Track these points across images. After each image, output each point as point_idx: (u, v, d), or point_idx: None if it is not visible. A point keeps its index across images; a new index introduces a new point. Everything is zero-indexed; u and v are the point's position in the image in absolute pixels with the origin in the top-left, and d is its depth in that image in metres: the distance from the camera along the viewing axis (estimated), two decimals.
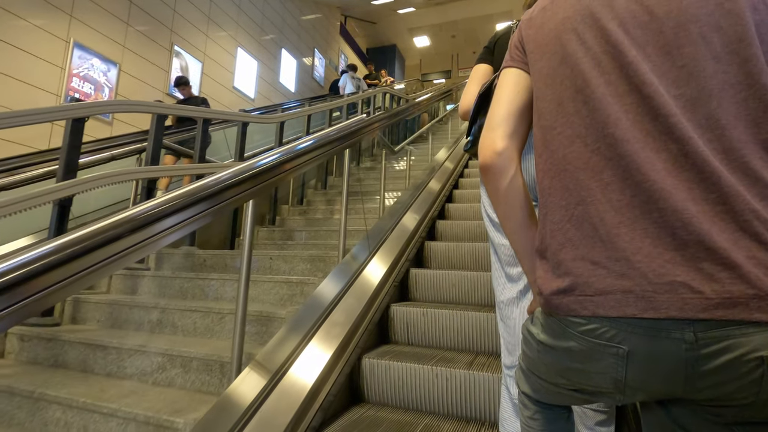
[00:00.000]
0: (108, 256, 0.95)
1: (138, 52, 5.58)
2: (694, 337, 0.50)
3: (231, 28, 7.45)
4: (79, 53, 4.86)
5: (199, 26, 6.70)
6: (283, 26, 9.08)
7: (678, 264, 0.51)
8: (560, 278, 0.59)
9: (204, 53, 6.80)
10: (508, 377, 1.21)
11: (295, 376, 1.46)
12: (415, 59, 17.09)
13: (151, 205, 1.09)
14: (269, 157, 1.69)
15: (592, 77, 0.60)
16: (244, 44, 7.74)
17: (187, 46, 6.42)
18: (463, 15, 13.52)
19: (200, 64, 6.68)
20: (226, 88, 7.29)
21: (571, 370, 0.60)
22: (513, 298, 1.23)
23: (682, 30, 0.56)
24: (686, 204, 0.52)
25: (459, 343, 2.02)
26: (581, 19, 0.63)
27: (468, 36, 15.09)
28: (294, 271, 2.65)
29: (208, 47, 6.89)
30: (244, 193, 1.50)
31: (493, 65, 1.35)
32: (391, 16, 13.97)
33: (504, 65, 0.76)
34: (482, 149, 0.71)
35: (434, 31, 14.96)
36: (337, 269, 2.14)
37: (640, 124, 0.56)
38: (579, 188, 0.59)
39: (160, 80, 5.94)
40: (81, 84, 4.87)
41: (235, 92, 7.51)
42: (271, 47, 8.60)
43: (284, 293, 2.27)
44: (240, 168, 1.50)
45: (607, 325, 0.54)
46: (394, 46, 15.73)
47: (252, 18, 8.00)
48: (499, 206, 0.71)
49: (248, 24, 7.89)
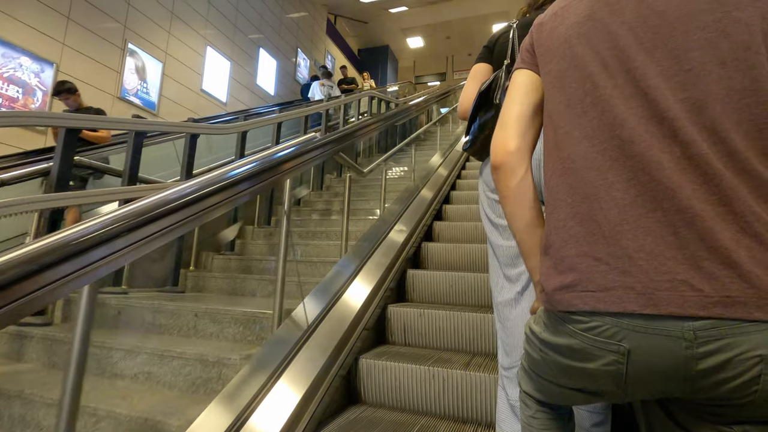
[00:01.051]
0: None
1: (81, 50, 4.87)
2: (693, 335, 0.51)
3: (199, 25, 6.75)
4: (2, 50, 4.15)
5: (160, 22, 5.99)
6: (262, 24, 8.38)
7: (679, 262, 0.52)
8: (563, 274, 0.60)
9: (165, 52, 6.09)
10: (505, 378, 1.20)
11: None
12: (408, 61, 16.50)
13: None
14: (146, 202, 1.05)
15: (600, 80, 0.61)
16: (214, 43, 7.04)
17: (144, 44, 5.71)
18: (458, 15, 12.95)
19: (161, 64, 5.97)
20: (193, 91, 6.59)
21: (573, 368, 0.60)
22: (511, 299, 1.22)
23: (691, 35, 0.57)
24: (690, 203, 0.53)
25: (456, 343, 2.00)
26: (591, 24, 0.65)
27: (463, 37, 14.51)
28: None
29: (171, 46, 6.19)
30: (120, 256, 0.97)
31: (492, 65, 1.33)
32: (383, 16, 13.38)
33: (515, 67, 0.77)
34: (494, 148, 0.73)
35: (428, 32, 14.37)
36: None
37: (645, 126, 0.57)
38: (584, 186, 0.60)
39: (110, 82, 5.23)
40: (4, 86, 4.16)
41: (204, 96, 6.80)
42: (247, 47, 7.90)
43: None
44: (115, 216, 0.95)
45: (609, 322, 0.55)
46: (387, 47, 15.14)
47: (224, 14, 7.30)
48: (508, 205, 0.72)
49: (220, 21, 7.18)
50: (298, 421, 1.36)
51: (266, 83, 8.42)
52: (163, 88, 6.01)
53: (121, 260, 0.99)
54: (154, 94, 5.86)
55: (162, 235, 1.11)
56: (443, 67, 16.15)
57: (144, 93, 5.70)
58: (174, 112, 6.09)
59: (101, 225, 0.93)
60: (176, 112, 6.15)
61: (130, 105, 5.48)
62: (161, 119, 5.82)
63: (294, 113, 5.03)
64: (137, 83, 5.60)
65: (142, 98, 5.66)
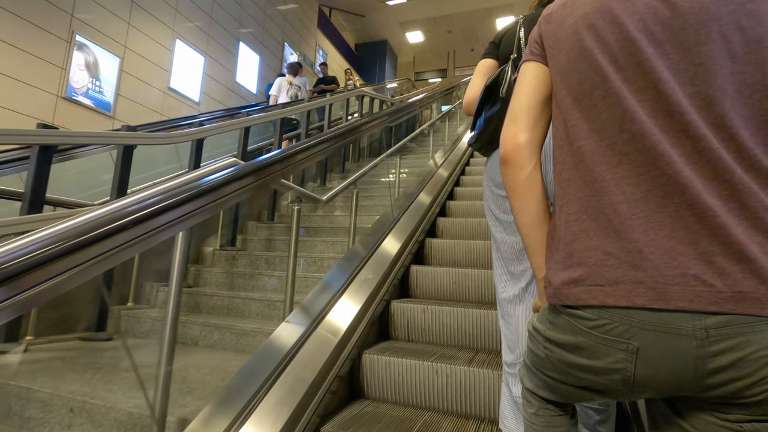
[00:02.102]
0: None
1: (13, 42, 4.17)
2: (705, 334, 0.50)
3: (167, 16, 6.03)
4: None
5: (118, 11, 5.28)
6: (242, 15, 7.64)
7: (690, 257, 0.52)
8: (571, 268, 0.59)
9: (124, 46, 5.38)
10: (509, 375, 1.19)
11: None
12: (408, 56, 15.77)
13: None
14: None
15: (609, 73, 0.60)
16: (185, 35, 6.32)
17: (97, 37, 5.01)
18: (460, 8, 12.21)
19: (118, 59, 5.27)
20: (158, 89, 5.88)
21: (580, 367, 0.60)
22: (515, 295, 1.20)
23: (703, 28, 0.56)
24: (701, 198, 0.53)
25: (459, 339, 2.00)
26: (600, 15, 0.64)
27: (465, 32, 13.76)
28: None
29: (132, 38, 5.48)
30: None
31: (498, 60, 1.32)
32: (381, 8, 12.66)
33: (524, 59, 0.76)
34: (504, 141, 0.72)
35: (428, 26, 13.63)
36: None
37: (655, 120, 0.57)
38: (595, 180, 0.60)
39: (52, 80, 4.53)
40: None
41: (172, 94, 6.09)
42: (224, 40, 7.17)
43: None
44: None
45: (618, 320, 0.54)
46: (385, 41, 14.42)
47: (198, 4, 6.57)
48: (516, 199, 0.71)
49: (191, 11, 6.46)
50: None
51: (247, 81, 7.69)
52: (120, 86, 5.30)
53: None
54: (110, 94, 5.16)
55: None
56: (444, 63, 15.42)
57: (96, 92, 5.00)
58: (135, 114, 5.39)
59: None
60: (137, 113, 5.45)
61: (78, 106, 4.78)
62: (95, 133, 5.13)
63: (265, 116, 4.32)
64: (88, 81, 4.90)
65: (94, 98, 4.96)
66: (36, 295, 0.78)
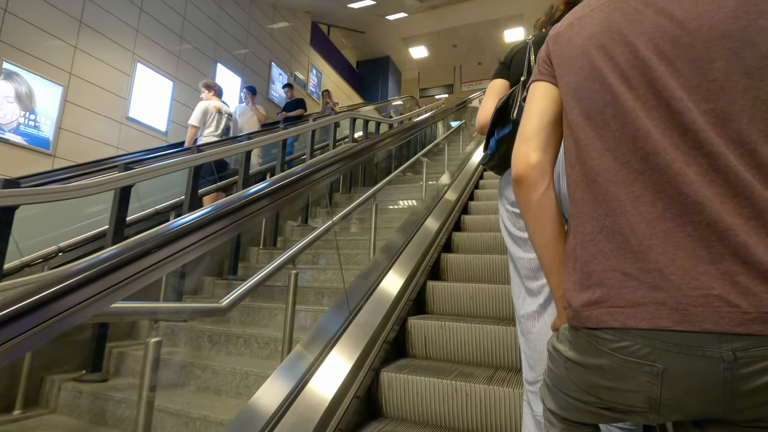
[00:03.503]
0: None
1: None
2: (732, 356, 0.49)
3: (124, 37, 5.32)
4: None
5: (60, 34, 4.58)
6: (219, 34, 6.93)
7: (713, 277, 0.51)
8: (590, 289, 0.59)
9: (70, 73, 4.66)
10: (530, 393, 1.18)
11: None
12: (412, 72, 15.05)
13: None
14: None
15: (621, 92, 0.60)
16: (148, 58, 5.60)
17: (31, 63, 4.29)
18: (464, 21, 11.45)
19: (60, 88, 4.54)
20: (114, 119, 5.14)
21: (602, 387, 0.59)
22: (533, 312, 1.20)
23: (714, 44, 0.56)
24: (721, 217, 0.51)
25: (478, 357, 1.96)
26: (609, 35, 0.63)
27: (471, 45, 12.99)
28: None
29: (79, 64, 4.76)
30: None
31: (509, 80, 1.34)
32: (381, 24, 11.98)
33: (533, 79, 0.76)
34: (516, 161, 0.71)
35: (432, 40, 12.91)
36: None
37: (669, 138, 0.56)
38: (609, 200, 0.59)
39: None
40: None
41: (132, 125, 5.35)
42: (198, 62, 6.46)
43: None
44: None
45: (641, 342, 0.53)
46: (388, 57, 13.74)
47: (164, 23, 5.88)
48: (530, 219, 0.71)
49: (156, 31, 5.75)
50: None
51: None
52: (63, 118, 4.56)
53: None
54: (49, 128, 4.42)
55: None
56: (450, 79, 14.66)
57: (31, 127, 4.27)
58: (81, 149, 4.65)
59: None
60: (85, 148, 4.71)
61: (6, 144, 4.05)
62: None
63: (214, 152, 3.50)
64: (19, 115, 4.17)
65: (27, 134, 4.23)
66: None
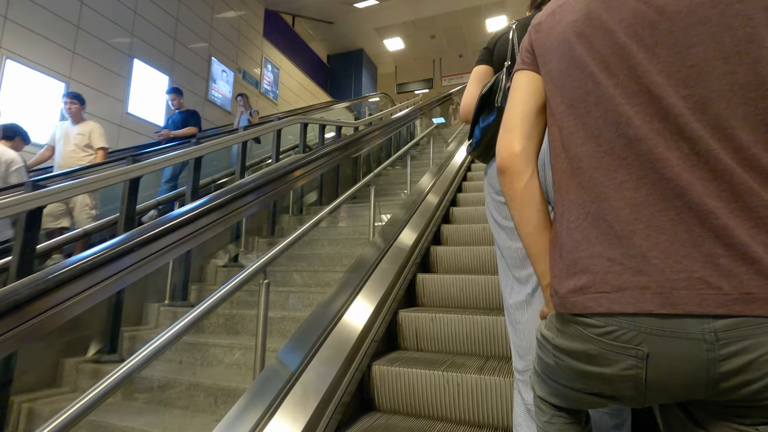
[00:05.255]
0: None
1: None
2: (714, 337, 0.50)
3: None
4: None
5: None
6: (136, 22, 5.69)
7: (695, 260, 0.51)
8: (576, 276, 0.59)
9: None
10: (521, 382, 1.18)
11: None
12: (389, 67, 13.94)
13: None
14: None
15: (602, 79, 0.61)
16: (23, 52, 4.36)
17: None
18: (442, 9, 10.41)
19: None
20: None
21: (590, 373, 0.59)
22: (521, 301, 1.20)
23: (692, 30, 0.56)
24: (702, 200, 0.52)
25: (469, 347, 1.99)
26: (588, 22, 0.64)
27: (451, 36, 11.92)
28: None
29: None
30: None
31: (493, 66, 1.33)
32: (351, 14, 10.84)
33: (516, 68, 0.77)
34: (500, 151, 0.72)
35: (408, 31, 11.81)
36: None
37: (650, 124, 0.56)
38: (594, 186, 0.60)
39: None
40: None
41: None
42: (106, 57, 5.23)
43: None
44: None
45: (626, 326, 0.54)
46: (361, 51, 12.63)
47: (48, 8, 4.62)
48: (515, 208, 0.71)
49: (41, 18, 4.50)
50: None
51: (148, 111, 5.74)
52: None
53: None
54: None
55: None
56: (430, 73, 13.62)
57: None
58: None
59: None
60: None
61: None
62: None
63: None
64: None
65: None
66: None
